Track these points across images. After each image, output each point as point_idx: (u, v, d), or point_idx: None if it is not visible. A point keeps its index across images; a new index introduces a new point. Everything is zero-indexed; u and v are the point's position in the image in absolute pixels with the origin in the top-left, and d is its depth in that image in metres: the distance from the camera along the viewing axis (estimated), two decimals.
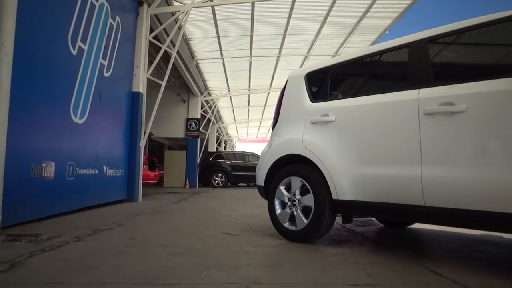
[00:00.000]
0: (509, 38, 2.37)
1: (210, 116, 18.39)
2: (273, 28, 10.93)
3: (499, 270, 2.36)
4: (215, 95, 17.61)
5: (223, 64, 13.79)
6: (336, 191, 2.94)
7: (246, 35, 11.27)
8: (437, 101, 2.43)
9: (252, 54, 12.83)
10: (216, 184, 15.76)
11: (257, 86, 16.80)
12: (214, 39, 11.52)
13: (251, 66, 14.04)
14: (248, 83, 16.35)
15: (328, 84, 3.40)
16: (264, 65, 13.91)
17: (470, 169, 2.25)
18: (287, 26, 10.71)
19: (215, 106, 18.49)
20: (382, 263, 2.49)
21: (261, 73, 14.89)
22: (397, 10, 9.85)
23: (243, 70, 14.45)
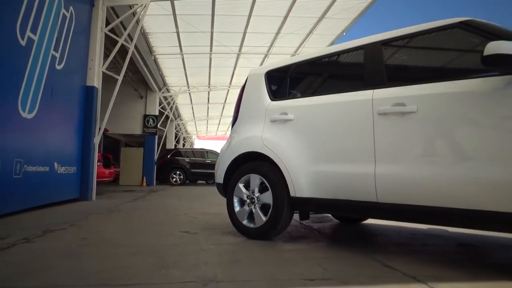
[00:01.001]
0: (455, 43, 2.54)
1: (168, 112, 18.05)
2: (233, 25, 10.90)
3: (445, 262, 2.51)
4: (174, 92, 17.30)
5: (183, 60, 13.58)
6: (294, 189, 2.99)
7: (206, 32, 11.16)
8: (390, 102, 2.54)
9: (212, 51, 12.73)
10: (174, 181, 15.51)
11: (217, 83, 16.70)
12: (173, 35, 11.30)
13: (211, 63, 13.93)
14: (208, 80, 16.22)
15: (288, 82, 3.45)
16: (224, 62, 13.85)
17: (420, 167, 2.37)
18: (248, 24, 10.73)
19: (173, 103, 18.18)
20: (337, 258, 2.56)
21: (221, 70, 14.81)
22: (354, 12, 10.16)
23: (203, 66, 14.30)
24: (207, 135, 36.17)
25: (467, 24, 2.39)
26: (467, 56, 2.53)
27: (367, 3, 9.67)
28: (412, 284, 1.96)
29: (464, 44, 2.49)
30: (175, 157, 16.03)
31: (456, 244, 3.16)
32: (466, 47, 2.49)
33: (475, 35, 2.35)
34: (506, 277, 2.11)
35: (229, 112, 22.19)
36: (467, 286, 1.94)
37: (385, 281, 2.01)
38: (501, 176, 2.05)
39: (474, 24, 2.36)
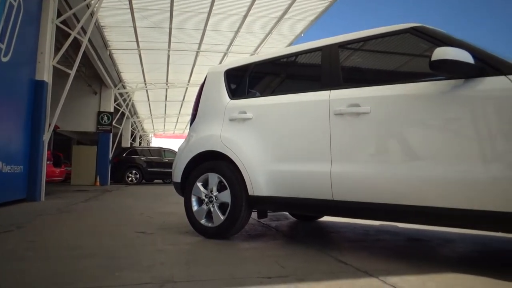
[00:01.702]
0: (406, 48, 2.66)
1: (124, 109, 17.51)
2: (193, 22, 10.76)
3: (395, 256, 2.63)
4: (130, 88, 16.80)
5: (140, 56, 13.21)
6: (252, 187, 3.00)
7: (164, 28, 10.93)
8: (346, 103, 2.62)
9: (170, 47, 12.50)
10: (129, 181, 15.08)
11: (175, 80, 16.41)
12: (130, 29, 10.97)
13: (170, 60, 13.67)
14: (166, 77, 15.90)
15: (247, 82, 3.45)
16: (183, 60, 13.64)
17: (373, 166, 2.46)
18: (207, 21, 10.64)
19: (130, 100, 17.65)
20: (294, 255, 2.61)
21: (180, 67, 14.58)
22: (312, 14, 10.38)
23: (161, 63, 14.00)
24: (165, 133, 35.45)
25: (417, 30, 2.51)
26: (417, 60, 2.66)
27: (325, 6, 9.91)
28: (364, 279, 2.04)
29: (415, 48, 2.62)
30: (131, 156, 15.58)
31: (405, 239, 3.32)
32: (416, 51, 2.62)
33: (424, 40, 2.47)
34: (450, 269, 2.24)
35: (187, 110, 21.88)
36: (415, 278, 2.04)
37: (339, 277, 2.08)
38: (445, 174, 2.17)
39: (424, 30, 2.49)
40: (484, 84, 2.14)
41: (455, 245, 3.08)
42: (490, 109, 2.11)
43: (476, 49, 2.23)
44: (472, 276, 2.08)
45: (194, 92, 14.43)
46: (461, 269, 2.23)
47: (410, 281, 2.00)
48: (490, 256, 2.75)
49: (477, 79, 2.17)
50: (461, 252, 2.85)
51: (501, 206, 1.99)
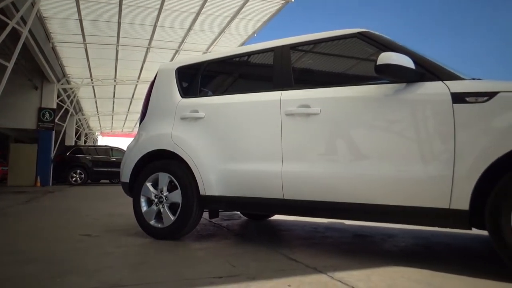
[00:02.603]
0: (354, 52, 2.77)
1: (68, 106, 16.62)
2: (143, 17, 10.46)
3: (342, 252, 2.73)
4: (75, 84, 15.99)
5: (86, 50, 12.62)
6: (204, 187, 2.98)
7: (113, 22, 10.53)
8: (296, 103, 2.68)
9: (119, 42, 12.06)
10: (74, 181, 14.34)
11: (124, 77, 15.85)
12: (75, 22, 10.44)
13: (118, 55, 13.19)
14: (114, 73, 15.32)
15: (199, 80, 3.42)
16: (133, 56, 13.22)
17: (322, 165, 2.54)
18: (158, 17, 10.39)
19: (74, 96, 16.79)
20: (245, 254, 2.62)
21: (129, 63, 14.11)
22: (265, 15, 10.49)
23: (109, 58, 13.46)
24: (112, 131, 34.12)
25: (363, 35, 2.63)
26: (364, 64, 2.78)
27: (277, 7, 10.05)
28: (313, 275, 2.10)
29: (361, 53, 2.74)
30: (76, 155, 14.82)
31: (352, 236, 3.46)
32: (363, 55, 2.73)
33: (370, 45, 2.59)
34: (393, 262, 2.37)
35: (136, 108, 21.20)
36: (360, 272, 2.14)
37: (289, 274, 2.12)
38: (389, 173, 2.30)
39: (370, 35, 2.60)
40: (424, 88, 2.28)
41: (397, 240, 3.26)
42: (428, 112, 2.26)
43: (417, 56, 2.38)
44: (412, 269, 2.21)
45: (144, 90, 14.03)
46: (402, 262, 2.36)
47: (355, 275, 2.08)
48: (429, 249, 2.94)
49: (418, 83, 2.31)
50: (403, 246, 3.02)
51: (437, 203, 2.14)
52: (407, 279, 2.02)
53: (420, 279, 2.03)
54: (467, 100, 2.13)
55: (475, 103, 2.11)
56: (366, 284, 1.94)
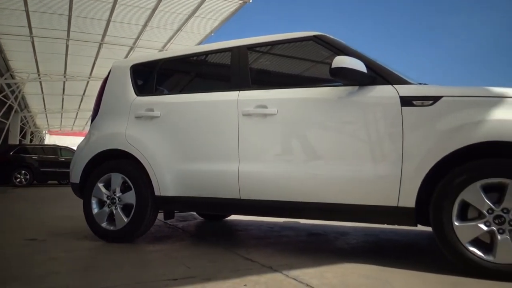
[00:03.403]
0: (310, 54, 2.84)
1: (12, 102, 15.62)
2: (96, 11, 10.06)
3: (297, 250, 2.78)
4: (20, 79, 15.05)
5: (33, 44, 11.92)
6: (159, 187, 2.91)
7: (63, 15, 10.02)
8: (253, 104, 2.69)
9: (70, 36, 11.51)
10: (18, 182, 13.48)
11: (74, 73, 15.14)
12: (21, 13, 9.82)
13: (69, 50, 12.58)
14: (64, 68, 14.59)
15: (155, 78, 3.34)
16: (84, 51, 12.68)
17: (278, 165, 2.57)
18: (112, 11, 10.03)
19: (19, 92, 15.80)
20: (201, 255, 2.60)
21: (80, 59, 13.51)
22: (223, 14, 10.46)
23: (58, 53, 12.81)
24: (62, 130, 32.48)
25: (319, 38, 2.69)
26: (319, 67, 2.85)
27: (235, 7, 10.06)
28: (269, 274, 2.12)
29: (317, 55, 2.81)
30: (20, 154, 13.93)
31: (306, 234, 3.53)
32: (318, 58, 2.81)
33: (325, 48, 2.66)
34: (345, 259, 2.44)
35: (88, 106, 20.32)
36: (314, 270, 2.19)
37: (245, 274, 2.12)
38: (342, 173, 2.38)
39: (325, 39, 2.68)
40: (375, 91, 2.38)
41: (349, 238, 3.37)
42: (379, 114, 2.36)
43: (369, 60, 2.47)
44: (362, 265, 2.30)
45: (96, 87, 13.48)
46: (354, 259, 2.45)
47: (310, 273, 2.13)
48: (378, 245, 3.07)
49: (369, 87, 2.40)
50: (354, 244, 3.13)
51: (386, 201, 2.25)
52: (357, 275, 2.10)
53: (369, 274, 2.12)
54: (414, 103, 2.25)
55: (422, 107, 2.23)
56: (320, 281, 1.99)
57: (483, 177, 2.04)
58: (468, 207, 2.11)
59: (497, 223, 2.00)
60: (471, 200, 2.07)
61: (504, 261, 1.97)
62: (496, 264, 1.98)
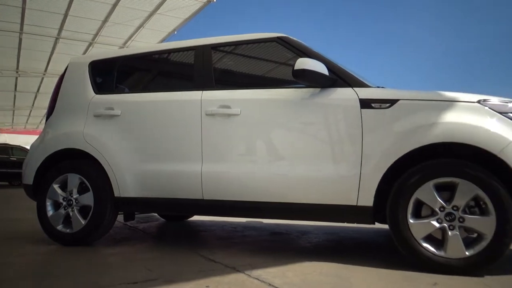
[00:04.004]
0: (273, 55, 2.87)
1: None
2: (52, 4, 9.60)
3: (260, 250, 2.80)
4: None
5: None
6: (119, 188, 2.83)
7: (16, 6, 9.49)
8: (217, 104, 2.68)
9: (23, 29, 10.91)
10: None
11: (28, 68, 14.38)
12: None
13: (22, 44, 11.92)
14: (17, 63, 13.82)
15: (115, 76, 3.24)
16: (39, 46, 12.07)
17: (241, 165, 2.58)
18: (70, 5, 9.62)
19: None
20: (162, 257, 2.56)
21: (35, 54, 12.85)
22: (186, 13, 10.33)
23: (9, 47, 12.11)
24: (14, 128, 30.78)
25: (282, 39, 2.73)
26: (282, 68, 2.89)
27: (199, 6, 9.96)
28: (232, 274, 2.12)
29: (280, 57, 2.84)
30: None
31: (269, 234, 3.56)
32: (282, 59, 2.84)
33: (288, 50, 2.70)
34: (306, 258, 2.49)
35: (43, 103, 19.35)
36: (276, 270, 2.21)
37: (208, 275, 2.11)
38: (304, 173, 2.42)
39: (288, 41, 2.71)
40: (336, 94, 2.44)
41: (311, 236, 3.44)
42: (339, 115, 2.42)
43: (330, 63, 2.54)
44: (323, 263, 2.36)
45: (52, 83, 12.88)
46: (315, 257, 2.50)
47: (272, 272, 2.15)
48: (338, 244, 3.15)
49: (330, 89, 2.46)
50: (315, 242, 3.19)
51: (346, 200, 2.32)
52: (318, 273, 2.15)
53: (329, 272, 2.17)
54: (373, 106, 2.33)
55: (380, 109, 2.32)
56: (282, 280, 2.01)
57: (436, 177, 2.16)
58: (422, 205, 2.22)
59: (448, 220, 2.12)
60: (425, 198, 2.17)
61: (454, 256, 2.09)
62: (446, 259, 2.10)
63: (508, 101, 2.22)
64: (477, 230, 2.10)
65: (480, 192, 2.07)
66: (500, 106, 2.19)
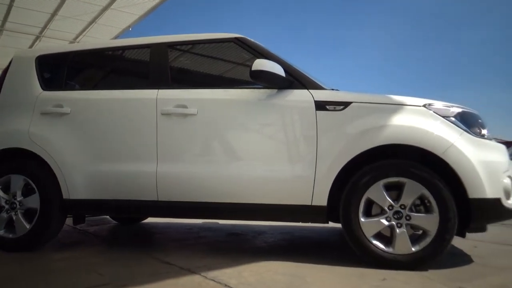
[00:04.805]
0: (231, 56, 2.88)
1: None
2: None
3: (216, 251, 2.79)
4: None
5: None
6: (68, 190, 2.70)
7: None
8: (173, 103, 2.64)
9: None
10: None
11: None
12: None
13: None
14: None
15: (65, 72, 3.09)
16: None
17: (198, 166, 2.56)
18: None
19: None
20: (115, 261, 2.47)
21: None
22: (142, 9, 10.05)
23: None
24: None
25: (240, 40, 2.73)
26: (240, 68, 2.90)
27: (156, 2, 9.73)
28: (187, 276, 2.09)
29: (238, 57, 2.85)
30: None
31: (225, 235, 3.56)
32: (239, 60, 2.85)
33: (246, 51, 2.71)
34: (262, 257, 2.51)
35: None
36: (232, 270, 2.21)
37: (163, 277, 2.07)
38: (261, 173, 2.44)
39: (246, 42, 2.72)
40: (292, 95, 2.49)
41: (267, 236, 3.47)
42: (295, 117, 2.47)
43: (287, 65, 2.58)
44: (279, 262, 2.39)
45: None
46: (271, 257, 2.53)
47: (228, 273, 2.15)
48: (293, 243, 3.21)
49: (287, 90, 2.51)
50: (271, 242, 3.23)
51: (301, 200, 2.36)
52: (274, 272, 2.18)
53: (285, 271, 2.21)
54: (328, 108, 2.40)
55: (334, 111, 2.39)
56: (238, 280, 2.02)
57: (385, 177, 2.26)
58: (373, 204, 2.32)
59: (396, 218, 2.23)
60: (375, 198, 2.27)
61: (401, 252, 2.21)
62: (394, 255, 2.21)
63: (450, 105, 2.38)
64: (422, 227, 2.23)
65: (425, 191, 2.20)
66: (443, 110, 2.34)
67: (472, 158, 2.18)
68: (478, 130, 2.36)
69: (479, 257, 2.57)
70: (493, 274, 2.19)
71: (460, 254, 2.65)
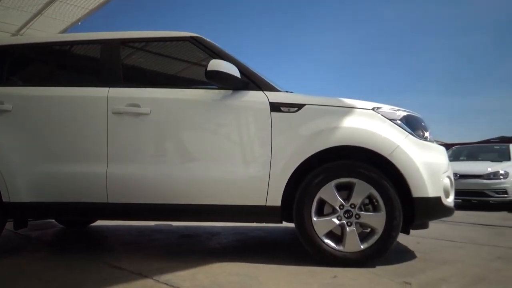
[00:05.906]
0: (186, 55, 2.84)
1: None
2: None
3: (168, 254, 2.74)
4: None
5: None
6: (8, 192, 2.53)
7: None
8: (125, 102, 2.55)
9: None
10: None
11: None
12: None
13: None
14: None
15: (6, 66, 2.89)
16: None
17: (151, 167, 2.49)
18: None
19: None
20: (60, 267, 2.35)
21: None
22: (92, 3, 9.65)
23: None
24: None
25: (195, 39, 2.70)
26: (195, 68, 2.87)
27: None
28: (139, 281, 2.03)
29: (193, 57, 2.82)
30: None
31: (178, 237, 3.50)
32: (195, 60, 2.82)
33: (201, 51, 2.69)
34: (216, 259, 2.49)
35: None
36: (186, 272, 2.18)
37: (112, 283, 2.00)
38: (216, 174, 2.43)
39: (201, 41, 2.70)
40: (247, 96, 2.50)
41: (220, 238, 3.46)
42: (250, 118, 2.49)
43: (242, 66, 2.59)
44: (233, 263, 2.39)
45: None
46: (225, 258, 2.52)
47: (181, 276, 2.12)
48: (247, 244, 3.23)
49: (242, 91, 2.51)
50: (225, 243, 3.22)
51: (256, 201, 2.38)
52: (228, 273, 2.17)
53: (239, 272, 2.21)
54: (282, 109, 2.44)
55: (288, 113, 2.43)
56: (192, 283, 1.99)
57: (336, 177, 2.34)
58: (324, 204, 2.38)
59: (346, 217, 2.31)
60: (327, 197, 2.34)
61: (351, 250, 2.29)
62: (345, 253, 2.29)
63: (396, 109, 2.51)
64: (370, 225, 2.33)
65: (373, 191, 2.30)
66: (390, 113, 2.46)
67: (416, 159, 2.32)
68: (422, 133, 2.51)
69: (422, 252, 2.74)
70: (435, 268, 2.33)
71: (405, 250, 2.80)
